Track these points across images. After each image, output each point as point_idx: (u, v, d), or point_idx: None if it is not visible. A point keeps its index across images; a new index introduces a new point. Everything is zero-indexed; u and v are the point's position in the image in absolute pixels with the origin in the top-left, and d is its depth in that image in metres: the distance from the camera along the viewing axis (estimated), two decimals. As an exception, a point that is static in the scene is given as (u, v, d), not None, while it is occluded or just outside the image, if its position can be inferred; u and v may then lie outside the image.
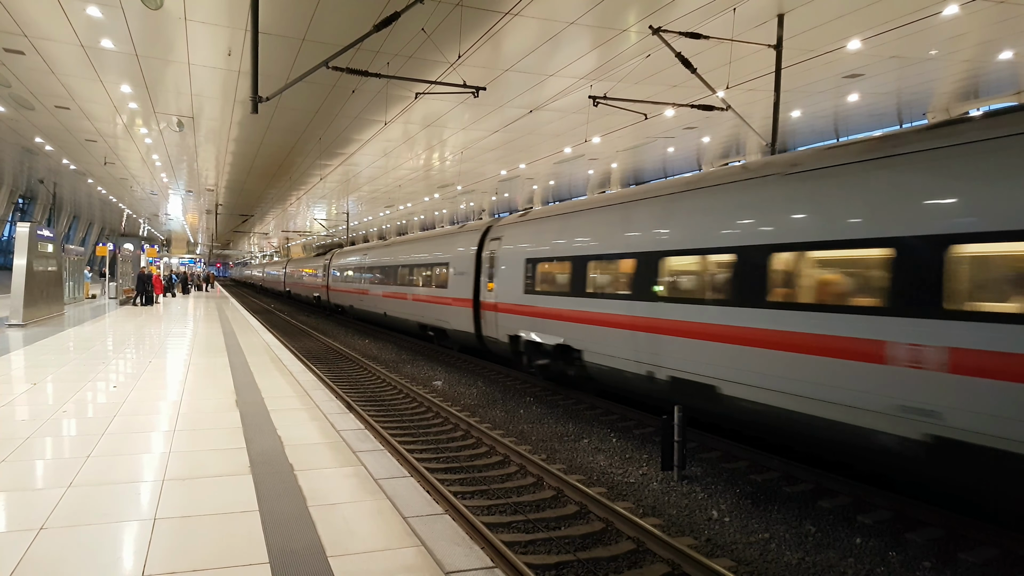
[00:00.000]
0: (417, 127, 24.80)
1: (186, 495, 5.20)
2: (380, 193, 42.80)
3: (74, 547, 4.22)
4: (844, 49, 15.66)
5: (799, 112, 22.29)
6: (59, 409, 8.07)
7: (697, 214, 9.52)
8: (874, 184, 6.99)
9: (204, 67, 18.00)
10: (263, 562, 4.07)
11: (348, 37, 12.49)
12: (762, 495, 8.18)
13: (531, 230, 14.56)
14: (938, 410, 6.18)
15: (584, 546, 6.69)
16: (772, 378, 7.99)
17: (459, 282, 17.92)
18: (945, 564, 6.32)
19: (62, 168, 36.51)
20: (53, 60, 17.96)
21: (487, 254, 16.37)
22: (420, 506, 5.11)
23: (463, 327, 17.66)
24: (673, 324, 9.65)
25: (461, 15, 13.73)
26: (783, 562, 6.44)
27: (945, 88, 19.70)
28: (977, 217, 6.04)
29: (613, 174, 35.07)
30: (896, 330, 6.55)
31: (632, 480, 8.80)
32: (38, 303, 19.24)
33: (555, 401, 13.68)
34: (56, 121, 25.35)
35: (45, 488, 5.29)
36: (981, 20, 14.48)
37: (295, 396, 9.39)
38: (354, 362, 18.82)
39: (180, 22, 14.78)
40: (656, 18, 13.93)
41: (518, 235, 14.99)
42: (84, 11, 14.41)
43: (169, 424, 7.47)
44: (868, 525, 7.19)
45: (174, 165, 34.46)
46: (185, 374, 10.91)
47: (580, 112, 21.35)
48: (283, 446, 6.66)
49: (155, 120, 24.37)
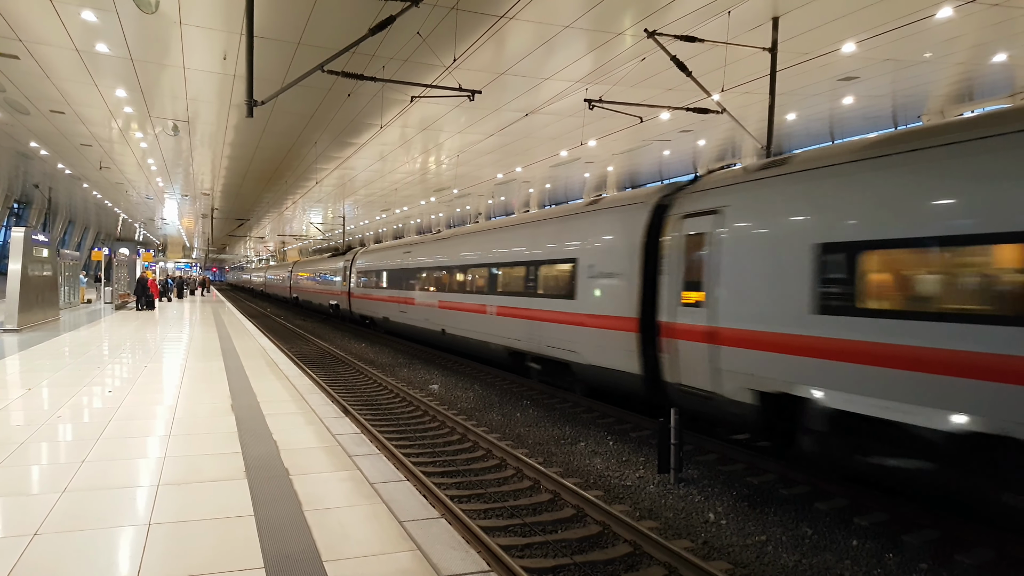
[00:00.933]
0: (413, 131, 24.79)
1: (181, 500, 5.18)
2: (376, 197, 42.78)
3: (69, 552, 4.20)
4: (839, 52, 15.70)
5: (794, 115, 22.34)
6: (54, 414, 8.04)
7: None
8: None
9: (199, 71, 17.98)
10: (258, 567, 4.05)
11: (343, 41, 12.49)
12: (759, 497, 8.18)
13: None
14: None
15: (581, 549, 6.68)
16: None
17: (603, 290, 11.65)
18: (942, 566, 6.32)
19: (57, 173, 36.41)
20: (48, 64, 17.92)
21: (674, 241, 9.96)
22: (416, 510, 5.10)
23: (612, 363, 11.23)
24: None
25: (456, 19, 13.74)
26: (780, 564, 6.44)
27: (940, 91, 19.76)
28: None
29: (609, 177, 35.11)
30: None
31: (629, 483, 8.79)
32: (33, 308, 19.18)
33: (552, 404, 13.67)
34: (51, 126, 25.29)
35: (40, 493, 5.27)
36: (975, 23, 14.53)
37: (291, 400, 9.36)
38: (350, 366, 18.79)
39: (175, 26, 14.77)
40: (651, 21, 13.96)
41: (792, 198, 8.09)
42: (79, 15, 14.39)
43: (164, 429, 7.44)
44: (865, 527, 7.19)
45: (170, 169, 34.41)
46: (181, 378, 10.88)
47: (576, 115, 21.36)
48: (279, 450, 6.64)
49: (151, 124, 24.33)
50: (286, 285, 53.28)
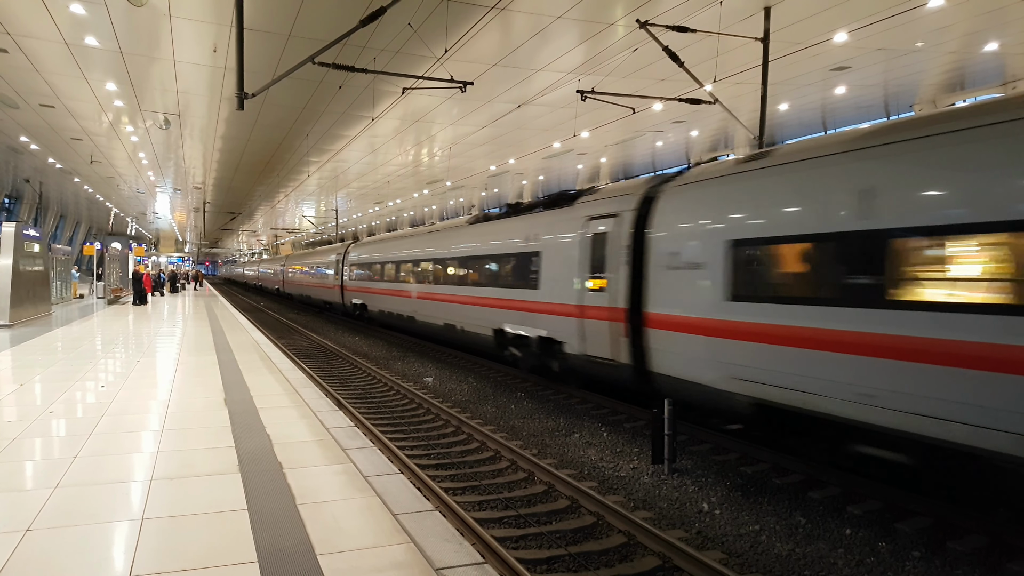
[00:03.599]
0: (405, 123, 24.72)
1: (174, 494, 5.17)
2: (369, 189, 42.66)
3: (61, 548, 4.18)
4: (831, 42, 15.70)
5: (787, 105, 22.34)
6: (46, 410, 8.01)
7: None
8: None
9: (189, 64, 17.87)
10: (252, 561, 4.05)
11: (334, 32, 12.42)
12: (752, 487, 8.21)
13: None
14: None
15: (575, 540, 6.70)
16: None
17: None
18: (934, 553, 6.36)
19: (48, 167, 36.20)
20: (37, 58, 17.78)
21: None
22: (410, 503, 5.10)
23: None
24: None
25: (447, 9, 13.68)
26: (773, 554, 6.47)
27: (931, 80, 19.79)
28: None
29: (602, 168, 35.09)
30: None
31: (623, 474, 8.81)
32: (25, 303, 19.09)
33: (546, 396, 13.69)
34: (41, 120, 25.12)
35: (32, 489, 5.25)
36: (966, 12, 14.55)
37: (284, 394, 9.35)
38: (344, 359, 18.78)
39: (165, 18, 14.67)
40: (643, 12, 13.91)
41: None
42: (68, 8, 14.27)
43: (157, 423, 7.42)
44: (858, 516, 7.23)
45: (161, 163, 34.24)
46: (174, 373, 10.85)
47: (568, 107, 21.34)
48: (272, 444, 6.63)
49: (141, 118, 24.20)
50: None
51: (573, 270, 12.21)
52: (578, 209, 12.37)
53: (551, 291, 12.99)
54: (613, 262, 11.02)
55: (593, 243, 11.64)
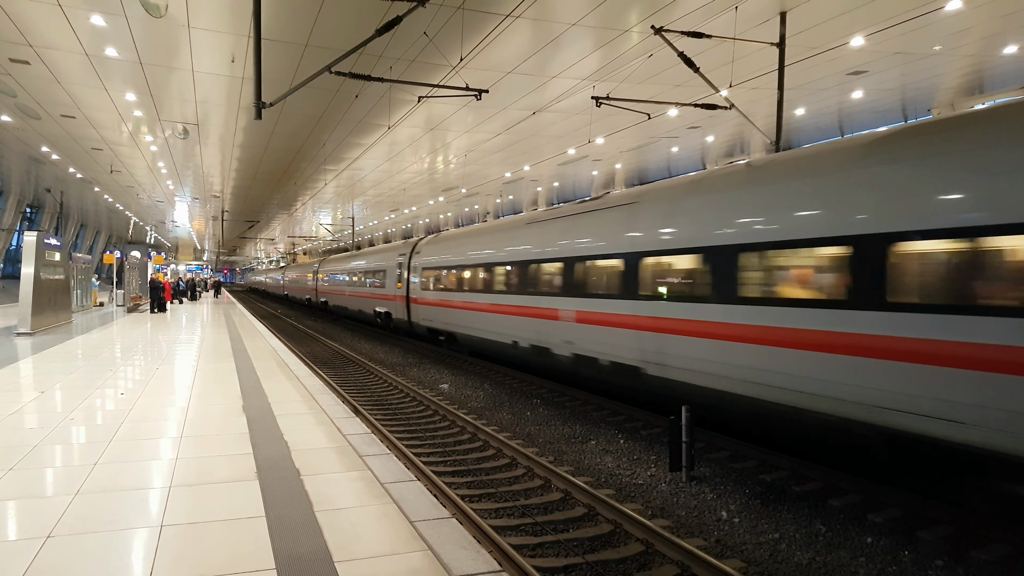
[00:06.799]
0: (421, 131, 24.80)
1: (193, 501, 5.20)
2: (385, 197, 42.83)
3: (81, 555, 4.22)
4: (847, 46, 15.58)
5: (803, 110, 22.19)
6: (67, 417, 8.09)
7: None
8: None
9: (208, 74, 18.05)
10: (270, 568, 4.06)
11: (350, 42, 12.49)
12: (771, 495, 8.13)
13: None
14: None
15: (593, 548, 6.66)
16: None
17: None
18: (957, 562, 6.27)
19: (69, 177, 36.66)
20: (58, 69, 18.03)
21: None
22: (427, 510, 5.10)
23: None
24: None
25: (463, 18, 13.73)
26: (793, 562, 6.40)
27: (950, 83, 19.59)
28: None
29: (617, 174, 35.02)
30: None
31: (640, 481, 8.76)
32: (46, 311, 19.33)
33: (562, 403, 13.65)
34: (62, 130, 25.45)
35: (53, 495, 5.30)
36: (985, 14, 14.39)
37: (301, 401, 9.39)
38: (360, 366, 18.83)
39: (183, 29, 14.82)
40: (658, 18, 13.90)
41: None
42: (88, 20, 14.46)
43: (176, 430, 7.47)
44: (879, 523, 7.14)
45: (180, 172, 34.56)
46: (192, 380, 10.93)
47: (583, 113, 21.30)
48: (290, 451, 6.66)
49: (160, 127, 24.45)
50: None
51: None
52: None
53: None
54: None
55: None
